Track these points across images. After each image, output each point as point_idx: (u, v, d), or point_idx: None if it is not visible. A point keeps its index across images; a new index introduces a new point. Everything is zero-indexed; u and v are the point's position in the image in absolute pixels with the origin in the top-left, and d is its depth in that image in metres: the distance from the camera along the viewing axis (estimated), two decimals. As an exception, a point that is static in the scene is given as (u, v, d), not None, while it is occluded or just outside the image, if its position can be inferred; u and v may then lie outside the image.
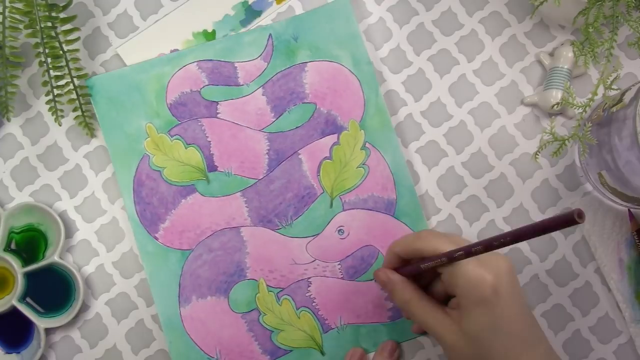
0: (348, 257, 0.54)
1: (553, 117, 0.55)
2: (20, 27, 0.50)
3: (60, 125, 0.56)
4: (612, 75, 0.47)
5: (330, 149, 0.55)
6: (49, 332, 0.54)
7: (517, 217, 0.54)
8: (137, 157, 0.55)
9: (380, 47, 0.56)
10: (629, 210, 0.53)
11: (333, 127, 0.55)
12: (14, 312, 0.53)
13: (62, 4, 0.51)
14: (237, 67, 0.56)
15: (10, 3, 0.50)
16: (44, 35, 0.50)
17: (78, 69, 0.53)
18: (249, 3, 0.57)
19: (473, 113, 0.56)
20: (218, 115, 0.55)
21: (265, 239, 0.54)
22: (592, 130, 0.49)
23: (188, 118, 0.55)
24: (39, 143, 0.56)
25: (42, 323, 0.53)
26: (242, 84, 0.56)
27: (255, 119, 0.55)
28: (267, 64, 0.56)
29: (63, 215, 0.55)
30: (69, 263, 0.54)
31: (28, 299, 0.54)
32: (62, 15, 0.51)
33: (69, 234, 0.55)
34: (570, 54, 0.54)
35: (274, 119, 0.55)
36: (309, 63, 0.56)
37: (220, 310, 0.53)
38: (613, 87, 0.47)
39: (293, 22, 0.56)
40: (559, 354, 0.53)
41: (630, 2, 0.47)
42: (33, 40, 0.51)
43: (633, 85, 0.47)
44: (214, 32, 0.57)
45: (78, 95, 0.54)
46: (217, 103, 0.55)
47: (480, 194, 0.55)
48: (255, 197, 0.54)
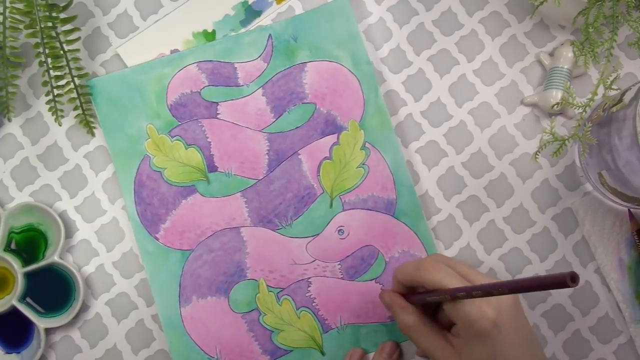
0: (348, 257, 0.54)
1: (553, 117, 0.55)
2: (21, 27, 0.50)
3: (60, 125, 0.56)
4: (612, 75, 0.47)
5: (330, 149, 0.55)
6: (49, 332, 0.54)
7: (517, 217, 0.54)
8: (138, 158, 0.55)
9: (380, 47, 0.56)
10: (629, 210, 0.53)
11: (333, 127, 0.55)
12: (14, 312, 0.53)
13: (62, 4, 0.51)
14: (237, 67, 0.56)
15: (11, 3, 0.50)
16: (44, 36, 0.50)
17: (79, 69, 0.53)
18: (249, 3, 0.57)
19: (473, 113, 0.56)
20: (218, 116, 0.55)
21: (265, 239, 0.54)
22: (592, 130, 0.49)
23: (188, 119, 0.55)
24: (39, 143, 0.56)
25: (42, 323, 0.53)
26: (242, 85, 0.56)
27: (255, 120, 0.55)
28: (266, 65, 0.56)
29: (63, 215, 0.55)
30: (69, 263, 0.54)
31: (28, 299, 0.54)
32: (62, 16, 0.51)
33: (69, 234, 0.55)
34: (570, 54, 0.54)
35: (274, 120, 0.55)
36: (309, 63, 0.56)
37: (221, 311, 0.53)
38: (613, 87, 0.47)
39: (293, 22, 0.56)
40: (559, 354, 0.53)
41: (630, 2, 0.47)
42: (33, 41, 0.51)
43: (633, 85, 0.47)
44: (214, 32, 0.57)
45: (79, 94, 0.54)
46: (217, 104, 0.55)
47: (480, 194, 0.55)
48: (255, 197, 0.54)
